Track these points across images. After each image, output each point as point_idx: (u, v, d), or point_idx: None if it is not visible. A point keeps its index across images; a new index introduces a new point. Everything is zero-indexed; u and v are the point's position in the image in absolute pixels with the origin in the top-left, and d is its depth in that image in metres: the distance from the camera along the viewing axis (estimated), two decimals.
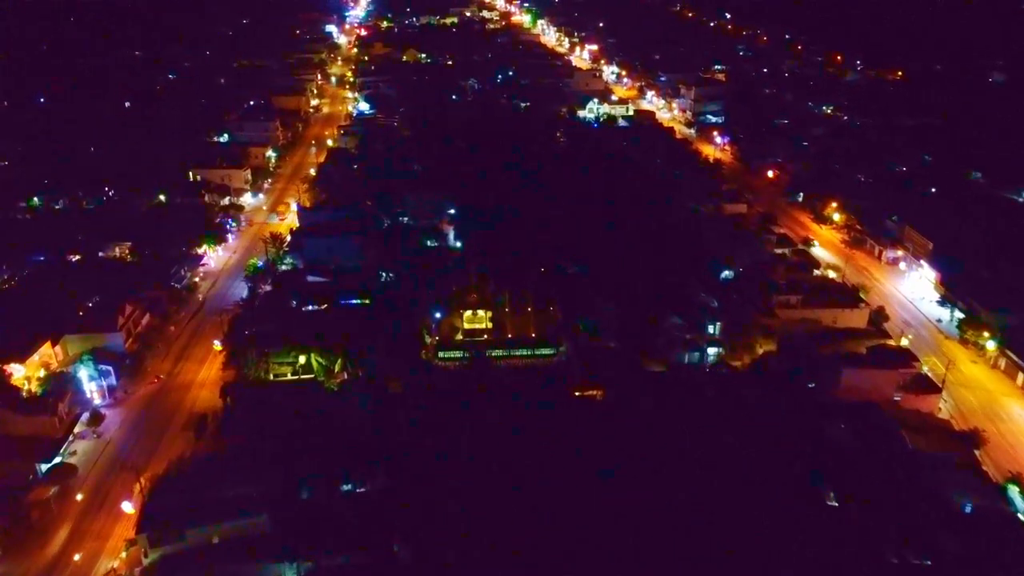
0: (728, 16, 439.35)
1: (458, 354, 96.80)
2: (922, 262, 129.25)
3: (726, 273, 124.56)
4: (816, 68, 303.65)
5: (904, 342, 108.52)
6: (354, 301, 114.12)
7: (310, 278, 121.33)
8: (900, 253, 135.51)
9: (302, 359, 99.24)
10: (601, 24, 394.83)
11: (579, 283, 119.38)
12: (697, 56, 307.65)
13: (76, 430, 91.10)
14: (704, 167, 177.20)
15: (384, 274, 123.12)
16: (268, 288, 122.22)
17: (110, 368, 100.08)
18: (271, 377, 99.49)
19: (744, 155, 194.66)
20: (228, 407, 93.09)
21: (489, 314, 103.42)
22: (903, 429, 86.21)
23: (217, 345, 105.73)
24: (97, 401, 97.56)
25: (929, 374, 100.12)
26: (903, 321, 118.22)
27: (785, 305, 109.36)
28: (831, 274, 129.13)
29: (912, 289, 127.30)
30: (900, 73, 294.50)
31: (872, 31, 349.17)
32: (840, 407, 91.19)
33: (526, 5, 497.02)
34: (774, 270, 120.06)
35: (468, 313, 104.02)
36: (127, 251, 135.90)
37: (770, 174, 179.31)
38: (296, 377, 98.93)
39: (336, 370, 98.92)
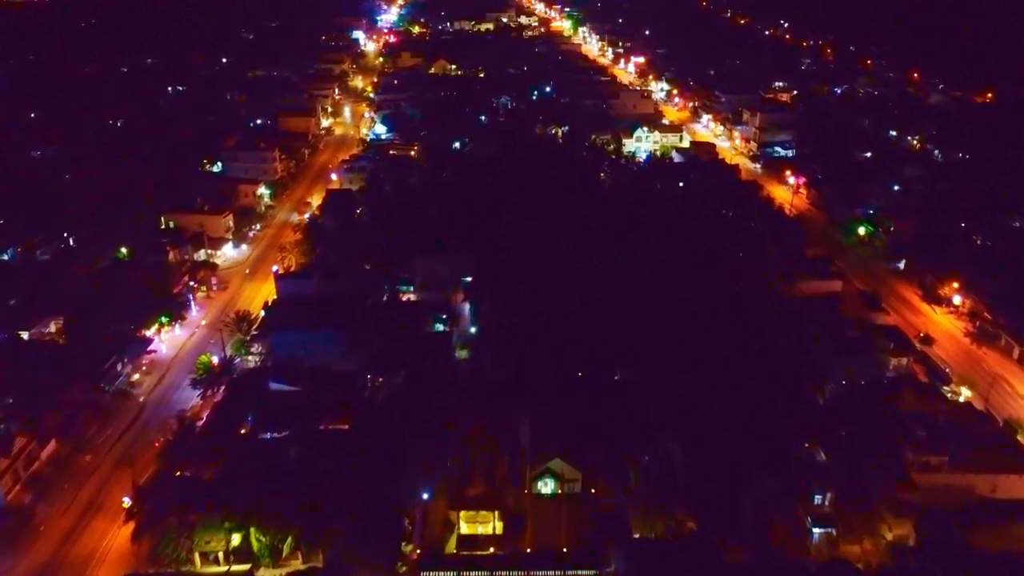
0: (785, 24, 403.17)
1: (451, 575, 65.66)
2: None
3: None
4: (892, 87, 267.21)
5: None
6: (329, 427, 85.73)
7: (274, 386, 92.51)
8: None
9: (237, 538, 70.43)
10: (648, 32, 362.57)
11: (631, 397, 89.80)
12: (755, 71, 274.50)
13: None
14: (782, 221, 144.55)
15: (372, 380, 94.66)
16: (220, 396, 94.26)
17: None
18: (196, 559, 70.92)
19: (827, 203, 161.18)
20: None
21: (497, 513, 71.79)
22: None
23: (126, 502, 76.91)
24: None
25: None
26: None
27: (925, 467, 77.23)
28: (964, 393, 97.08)
29: None
30: (990, 95, 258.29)
31: (950, 42, 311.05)
32: None
33: (567, 10, 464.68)
34: (900, 397, 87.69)
35: (467, 512, 72.64)
36: (59, 330, 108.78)
37: (861, 231, 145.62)
38: (226, 568, 70.02)
39: (285, 553, 70.12)
